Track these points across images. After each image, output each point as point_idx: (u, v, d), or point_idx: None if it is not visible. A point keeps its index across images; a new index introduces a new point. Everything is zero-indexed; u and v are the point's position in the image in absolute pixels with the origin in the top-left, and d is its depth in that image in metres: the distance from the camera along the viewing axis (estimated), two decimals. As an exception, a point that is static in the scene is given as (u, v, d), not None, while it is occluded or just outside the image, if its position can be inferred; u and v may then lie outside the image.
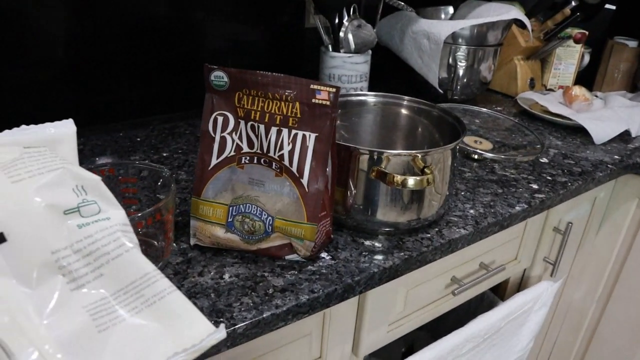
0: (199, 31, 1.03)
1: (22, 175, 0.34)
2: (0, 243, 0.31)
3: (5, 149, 0.35)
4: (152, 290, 0.34)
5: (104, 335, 0.32)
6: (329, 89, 0.54)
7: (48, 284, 0.32)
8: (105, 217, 0.35)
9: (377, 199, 0.66)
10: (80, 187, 0.35)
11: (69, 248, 0.33)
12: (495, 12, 1.15)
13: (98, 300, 0.33)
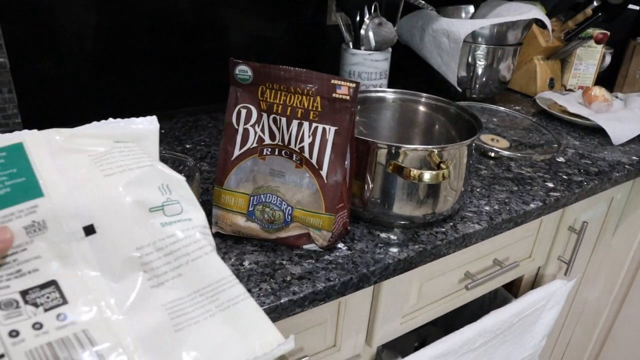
0: (224, 27, 1.05)
1: (113, 170, 0.34)
2: (89, 235, 0.32)
3: (97, 141, 0.36)
4: (227, 295, 0.34)
5: (180, 335, 0.32)
6: (349, 84, 0.56)
7: (130, 279, 0.32)
8: (187, 217, 0.36)
9: (393, 193, 0.67)
10: (165, 186, 0.36)
11: (152, 245, 0.34)
12: (515, 12, 1.15)
13: (175, 300, 0.33)
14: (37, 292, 0.30)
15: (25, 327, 0.29)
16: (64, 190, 0.32)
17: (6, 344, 0.28)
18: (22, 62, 0.88)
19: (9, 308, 0.29)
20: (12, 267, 0.30)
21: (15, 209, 0.30)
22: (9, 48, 0.85)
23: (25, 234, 0.31)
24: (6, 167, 0.32)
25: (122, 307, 0.31)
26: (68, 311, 0.30)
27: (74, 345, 0.29)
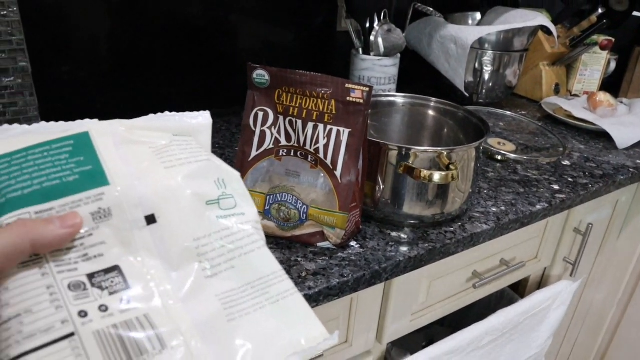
0: (235, 32, 1.08)
1: (173, 162, 0.36)
2: (150, 224, 0.33)
3: (156, 133, 0.37)
4: (277, 289, 0.35)
5: (232, 325, 0.33)
6: (362, 88, 0.59)
7: (186, 268, 0.34)
8: (240, 212, 0.37)
9: (404, 193, 0.70)
10: (221, 180, 0.37)
11: (207, 237, 0.35)
12: (521, 19, 1.18)
13: (228, 291, 0.34)
14: (102, 276, 0.31)
15: (92, 309, 0.30)
16: (128, 179, 0.33)
17: (76, 323, 0.29)
18: (43, 66, 0.91)
19: (78, 290, 0.30)
20: (80, 250, 0.31)
21: (83, 196, 0.32)
22: (30, 53, 0.88)
23: (92, 220, 0.32)
24: (74, 155, 0.33)
25: (179, 295, 0.32)
26: (130, 296, 0.31)
27: (137, 329, 0.30)
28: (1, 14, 0.85)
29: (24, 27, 0.87)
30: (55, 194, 0.31)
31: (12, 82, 0.90)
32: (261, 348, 0.33)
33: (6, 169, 0.31)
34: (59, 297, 0.29)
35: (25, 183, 0.31)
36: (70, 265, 0.31)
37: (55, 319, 0.28)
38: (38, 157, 0.32)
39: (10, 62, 0.88)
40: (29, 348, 0.27)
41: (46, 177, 0.32)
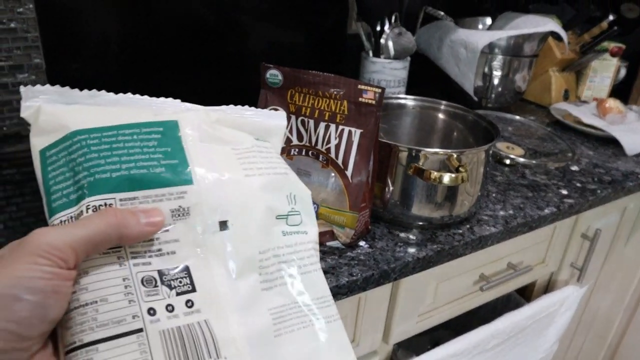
0: (246, 34, 1.09)
1: (254, 171, 0.36)
2: (222, 230, 0.33)
3: (240, 134, 0.38)
4: (324, 312, 0.36)
5: (278, 340, 0.33)
6: (375, 90, 0.60)
7: (247, 278, 0.34)
8: (304, 230, 0.37)
9: (413, 195, 0.70)
10: (293, 195, 0.38)
11: (270, 251, 0.35)
12: (532, 24, 1.18)
13: (279, 306, 0.34)
14: (172, 274, 0.31)
15: (160, 307, 0.30)
16: (210, 182, 0.33)
17: (145, 320, 0.29)
18: (56, 63, 0.92)
19: (150, 285, 0.30)
20: (155, 245, 0.31)
21: (166, 191, 0.32)
22: (45, 50, 0.90)
23: (171, 216, 0.32)
24: (162, 145, 0.33)
25: (237, 304, 0.33)
26: (195, 299, 0.31)
27: (197, 334, 0.30)
28: (17, 11, 0.86)
29: (40, 25, 0.88)
30: (140, 184, 0.31)
31: (26, 78, 0.91)
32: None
33: (97, 146, 0.32)
34: (133, 290, 0.30)
35: (114, 166, 0.31)
36: (145, 259, 0.31)
37: (127, 312, 0.29)
38: (128, 140, 0.32)
39: (25, 59, 0.90)
40: (101, 337, 0.28)
41: (134, 163, 0.32)
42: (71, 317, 0.28)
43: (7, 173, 0.84)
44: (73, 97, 0.34)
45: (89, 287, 0.29)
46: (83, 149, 0.31)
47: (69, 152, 0.31)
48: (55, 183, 0.31)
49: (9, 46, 0.87)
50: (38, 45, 0.90)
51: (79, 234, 0.28)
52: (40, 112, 0.33)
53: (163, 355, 0.29)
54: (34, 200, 0.79)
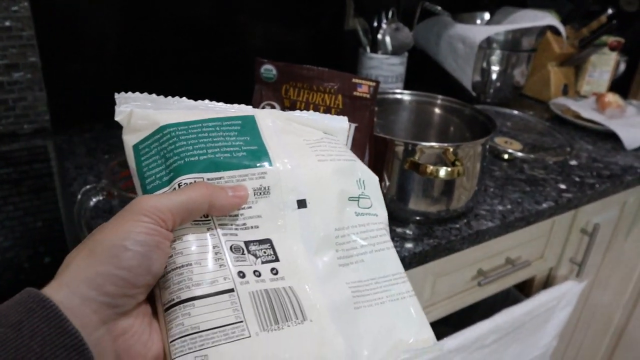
0: (243, 32, 1.09)
1: (325, 157, 0.39)
2: (300, 208, 0.36)
3: (309, 129, 0.41)
4: (397, 288, 0.37)
5: (357, 313, 0.35)
6: (369, 83, 0.59)
7: (324, 254, 0.36)
8: (374, 212, 0.40)
9: (409, 189, 0.70)
10: (362, 181, 0.40)
11: (345, 229, 0.38)
12: (530, 19, 1.17)
13: (356, 282, 0.36)
14: (256, 245, 0.34)
15: (248, 272, 0.33)
16: (287, 165, 0.36)
17: (235, 282, 0.32)
18: (53, 62, 0.92)
19: (237, 252, 0.33)
20: (240, 219, 0.34)
21: (249, 172, 0.35)
22: (40, 49, 0.89)
23: (253, 194, 0.35)
24: (241, 134, 0.37)
25: (317, 277, 0.35)
26: (279, 268, 0.34)
27: (284, 298, 0.33)
28: (12, 9, 0.86)
29: (35, 23, 0.88)
30: (225, 166, 0.35)
31: (22, 77, 0.91)
32: (379, 340, 0.35)
33: (185, 135, 0.35)
34: (222, 256, 0.33)
35: (201, 151, 0.35)
36: (232, 231, 0.34)
37: (219, 274, 0.32)
38: (211, 130, 0.36)
39: (21, 58, 0.89)
40: (197, 294, 0.31)
41: (218, 149, 0.35)
42: (169, 278, 0.31)
43: (3, 172, 0.84)
44: (161, 103, 0.38)
45: (184, 252, 0.32)
46: (172, 138, 0.35)
47: (160, 143, 0.35)
48: (148, 169, 0.35)
49: (3, 44, 0.87)
50: (33, 44, 0.90)
51: (176, 199, 0.31)
52: (132, 116, 0.37)
53: (253, 313, 0.31)
54: (31, 199, 0.79)
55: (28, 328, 0.25)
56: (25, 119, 0.93)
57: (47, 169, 0.87)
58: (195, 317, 0.30)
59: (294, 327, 0.32)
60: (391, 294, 0.37)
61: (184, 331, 0.30)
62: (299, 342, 0.32)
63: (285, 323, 0.32)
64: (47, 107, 0.94)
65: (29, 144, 0.92)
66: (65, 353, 0.25)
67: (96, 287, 0.28)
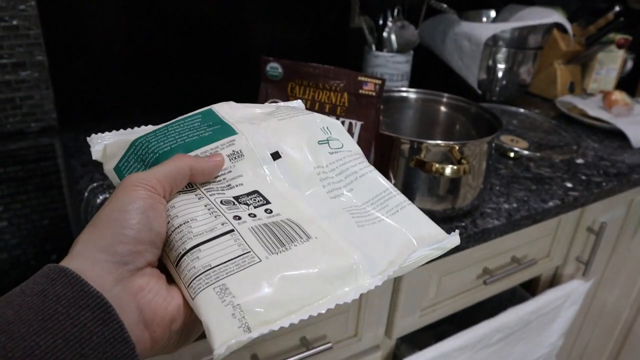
0: (249, 30, 1.09)
1: (284, 117, 0.42)
2: (276, 159, 0.39)
3: (265, 105, 0.44)
4: (393, 202, 0.40)
5: (361, 230, 0.37)
6: (375, 81, 0.59)
7: (314, 189, 0.39)
8: (347, 149, 0.43)
9: (415, 187, 0.70)
10: (326, 127, 0.43)
11: (325, 167, 0.40)
12: (536, 16, 1.17)
13: (352, 206, 0.39)
14: (245, 197, 0.37)
15: (244, 215, 0.35)
16: (251, 129, 0.40)
17: (233, 224, 0.34)
18: (59, 61, 0.92)
19: (229, 204, 0.36)
20: (223, 182, 0.37)
21: (219, 143, 0.38)
22: (47, 48, 0.90)
23: (229, 160, 0.38)
24: (204, 122, 0.40)
25: (312, 207, 0.38)
26: (272, 208, 0.36)
27: (284, 226, 0.35)
28: (19, 8, 0.86)
29: (42, 22, 0.89)
30: (195, 145, 0.38)
31: (29, 75, 0.91)
32: (388, 244, 0.36)
33: (154, 138, 0.38)
34: (215, 209, 0.35)
35: (172, 141, 0.38)
36: (218, 192, 0.37)
37: (216, 222, 0.34)
38: (177, 127, 0.40)
39: (28, 56, 0.90)
40: (200, 241, 0.33)
41: (186, 135, 0.39)
42: (171, 239, 0.33)
43: (11, 170, 0.85)
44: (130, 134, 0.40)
45: (179, 215, 0.34)
46: (144, 144, 0.38)
47: (135, 152, 0.38)
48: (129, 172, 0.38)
49: (11, 43, 0.88)
50: (40, 43, 0.90)
51: (159, 170, 0.34)
52: (107, 149, 0.39)
53: (258, 242, 0.33)
54: (38, 197, 0.79)
55: (52, 294, 0.27)
56: (32, 117, 0.94)
57: (54, 167, 0.88)
58: (204, 259, 0.32)
59: (301, 245, 0.34)
60: (389, 209, 0.39)
61: (197, 272, 0.31)
62: (310, 256, 0.33)
63: (292, 244, 0.34)
64: (54, 106, 0.95)
65: (36, 142, 0.92)
66: (90, 312, 0.27)
67: (104, 250, 0.29)
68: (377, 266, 0.34)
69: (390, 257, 0.35)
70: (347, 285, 0.33)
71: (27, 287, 0.27)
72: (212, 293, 0.30)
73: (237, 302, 0.30)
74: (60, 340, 0.25)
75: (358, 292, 0.33)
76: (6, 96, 0.90)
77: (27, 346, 0.25)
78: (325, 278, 0.33)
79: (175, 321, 0.31)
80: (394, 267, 0.34)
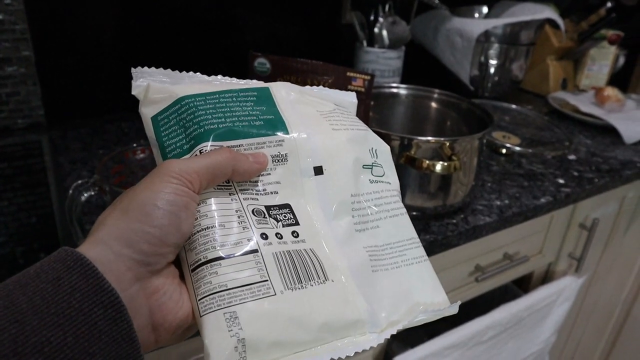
0: (240, 26, 1.08)
1: (339, 126, 0.39)
2: (317, 174, 0.37)
3: (321, 101, 0.41)
4: (412, 253, 0.39)
5: (375, 276, 0.36)
6: (364, 77, 0.58)
7: (341, 219, 0.37)
8: (387, 180, 0.40)
9: (405, 184, 0.69)
10: (374, 150, 0.40)
11: (361, 196, 0.38)
12: (528, 12, 1.16)
13: (373, 246, 0.37)
14: (276, 210, 0.35)
15: (271, 234, 0.34)
16: (303, 132, 0.37)
17: (259, 243, 0.33)
18: (46, 56, 0.91)
19: (259, 216, 0.34)
20: (259, 185, 0.36)
21: (267, 140, 0.36)
22: (34, 43, 0.88)
23: (272, 161, 0.36)
24: (258, 104, 0.37)
25: (335, 241, 0.36)
26: (299, 231, 0.35)
27: (306, 258, 0.34)
28: (5, 2, 0.85)
29: (28, 17, 0.87)
30: (243, 134, 0.35)
31: (15, 71, 0.90)
32: (396, 302, 0.36)
33: (203, 106, 0.36)
34: (245, 219, 0.34)
35: (219, 119, 0.35)
36: (252, 195, 0.35)
37: (242, 236, 0.33)
38: (228, 101, 0.37)
39: (14, 52, 0.89)
40: (223, 254, 0.32)
41: (236, 118, 0.36)
42: (194, 239, 0.32)
43: (-3, 167, 0.84)
44: (176, 78, 0.40)
45: (208, 215, 0.33)
46: (191, 109, 0.36)
47: (179, 113, 0.36)
48: (168, 139, 0.35)
49: (-4, 39, 0.86)
50: (27, 38, 0.89)
51: (202, 162, 0.32)
52: (149, 89, 0.38)
53: (277, 272, 0.32)
54: (25, 195, 0.78)
55: (67, 284, 0.26)
56: (19, 113, 0.92)
57: (41, 164, 0.87)
58: (222, 276, 0.31)
59: (317, 286, 0.33)
60: (406, 259, 0.38)
61: (212, 289, 0.31)
62: (323, 301, 0.33)
63: (308, 282, 0.33)
64: (42, 102, 0.94)
65: (23, 139, 0.91)
66: (102, 310, 0.26)
67: (130, 245, 0.29)
68: (379, 324, 0.34)
69: (393, 317, 0.35)
70: (348, 336, 0.33)
71: (42, 270, 0.27)
72: (222, 318, 0.30)
73: (242, 336, 0.30)
74: (70, 338, 0.25)
75: (355, 348, 0.33)
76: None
77: (38, 342, 0.24)
78: (331, 327, 0.32)
79: (180, 327, 0.31)
80: (393, 328, 0.34)
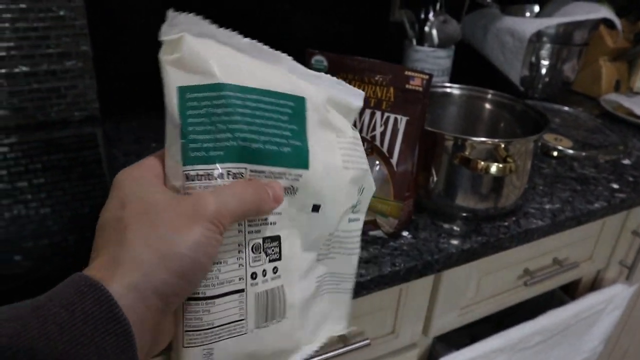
0: (289, 21, 1.08)
1: (348, 165, 0.39)
2: (314, 211, 0.37)
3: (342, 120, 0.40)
4: (344, 285, 0.42)
5: (314, 301, 0.39)
6: (422, 76, 0.58)
7: (310, 252, 0.38)
8: (359, 218, 0.42)
9: (457, 185, 0.69)
10: (362, 188, 0.41)
11: (337, 232, 0.40)
12: (583, 11, 1.13)
13: (322, 275, 0.40)
14: (269, 242, 0.36)
15: (259, 272, 0.35)
16: (319, 170, 0.37)
17: (247, 283, 0.34)
18: (103, 51, 0.94)
19: (257, 252, 0.35)
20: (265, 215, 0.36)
21: (287, 171, 0.35)
22: (92, 38, 0.91)
23: (284, 192, 0.36)
24: (291, 122, 0.36)
25: (300, 273, 0.38)
26: (279, 266, 0.36)
27: (276, 298, 0.36)
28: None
29: (87, 13, 0.90)
30: (271, 161, 0.34)
31: (74, 65, 0.93)
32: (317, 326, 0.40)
33: (241, 108, 0.33)
34: (243, 256, 0.34)
35: (253, 133, 0.33)
36: (257, 227, 0.35)
37: (237, 274, 0.34)
38: (267, 108, 0.34)
39: (73, 46, 0.91)
40: (219, 293, 0.33)
41: (269, 137, 0.34)
42: None
43: (54, 158, 0.86)
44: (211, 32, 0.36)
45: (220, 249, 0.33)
46: (228, 107, 0.33)
47: (214, 105, 0.33)
48: (195, 132, 0.32)
49: (57, 33, 0.89)
50: (86, 33, 0.91)
51: (234, 205, 0.32)
52: (183, 44, 0.34)
53: (254, 312, 0.35)
54: (80, 185, 0.81)
55: (80, 310, 0.26)
56: (75, 106, 0.95)
57: (96, 155, 0.89)
58: (212, 315, 0.33)
59: (277, 324, 0.36)
60: (338, 288, 0.42)
61: (201, 326, 0.33)
62: (275, 337, 0.36)
63: (272, 321, 0.36)
64: (97, 95, 0.96)
65: (79, 131, 0.94)
66: (115, 338, 0.26)
67: (163, 298, 0.29)
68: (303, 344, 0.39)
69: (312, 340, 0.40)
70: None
71: (55, 295, 0.27)
72: (200, 354, 0.33)
73: None
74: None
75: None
76: (52, 85, 0.92)
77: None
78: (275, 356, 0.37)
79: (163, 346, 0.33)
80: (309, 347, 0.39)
